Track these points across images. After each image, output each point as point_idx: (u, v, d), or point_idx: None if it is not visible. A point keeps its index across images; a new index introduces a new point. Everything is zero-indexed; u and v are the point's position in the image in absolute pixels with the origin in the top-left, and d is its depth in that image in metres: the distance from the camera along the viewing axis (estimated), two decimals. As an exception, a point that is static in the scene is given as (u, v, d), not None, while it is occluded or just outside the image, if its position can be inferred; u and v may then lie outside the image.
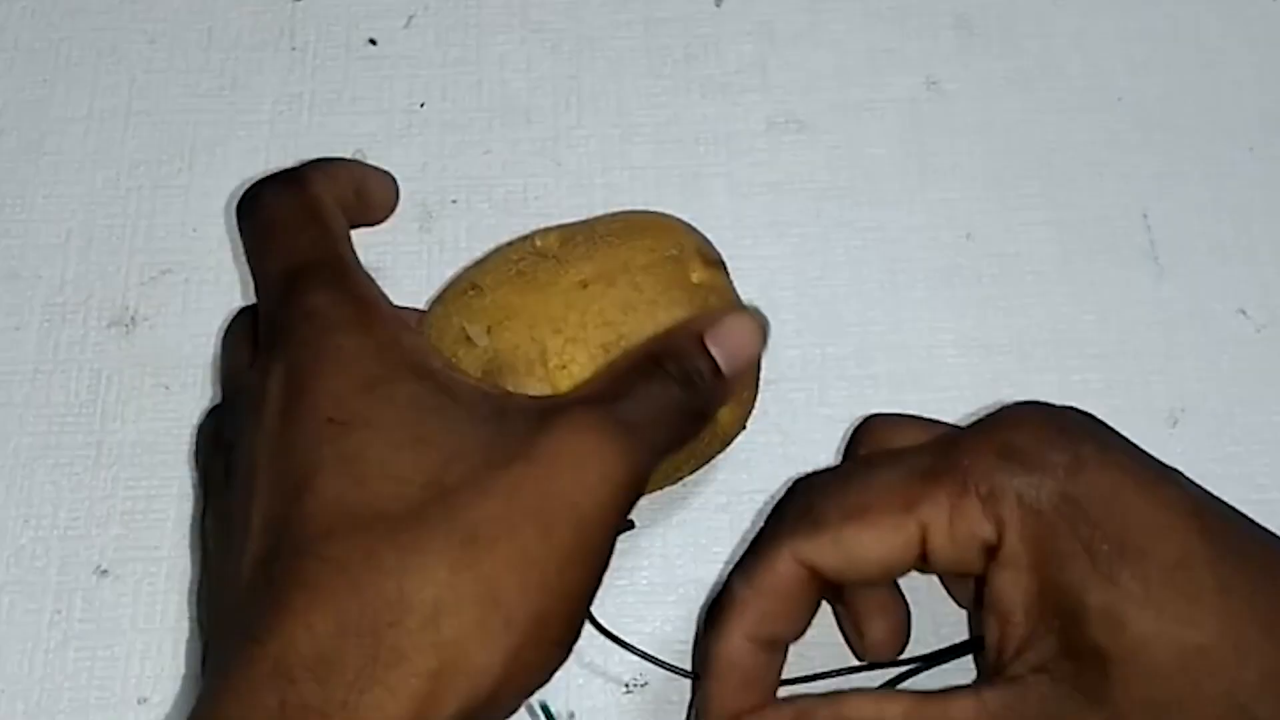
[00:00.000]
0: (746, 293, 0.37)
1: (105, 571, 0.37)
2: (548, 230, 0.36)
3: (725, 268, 0.37)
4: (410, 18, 0.47)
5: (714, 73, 0.46)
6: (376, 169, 0.36)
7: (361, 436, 0.27)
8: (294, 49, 0.46)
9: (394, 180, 0.37)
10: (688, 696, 0.36)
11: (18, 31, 0.46)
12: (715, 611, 0.32)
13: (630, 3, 0.47)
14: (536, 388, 0.32)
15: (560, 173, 0.44)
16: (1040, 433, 0.28)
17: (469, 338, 0.33)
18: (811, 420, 0.39)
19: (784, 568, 0.30)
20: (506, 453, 0.27)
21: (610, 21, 0.46)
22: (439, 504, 0.26)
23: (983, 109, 0.45)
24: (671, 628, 0.37)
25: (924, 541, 0.28)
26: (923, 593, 0.37)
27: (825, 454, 0.39)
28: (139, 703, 0.36)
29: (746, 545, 0.37)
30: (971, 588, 0.31)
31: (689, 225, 0.37)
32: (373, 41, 0.46)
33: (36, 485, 0.38)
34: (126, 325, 0.41)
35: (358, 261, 0.32)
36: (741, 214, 0.43)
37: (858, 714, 0.28)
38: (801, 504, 0.31)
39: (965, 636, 0.36)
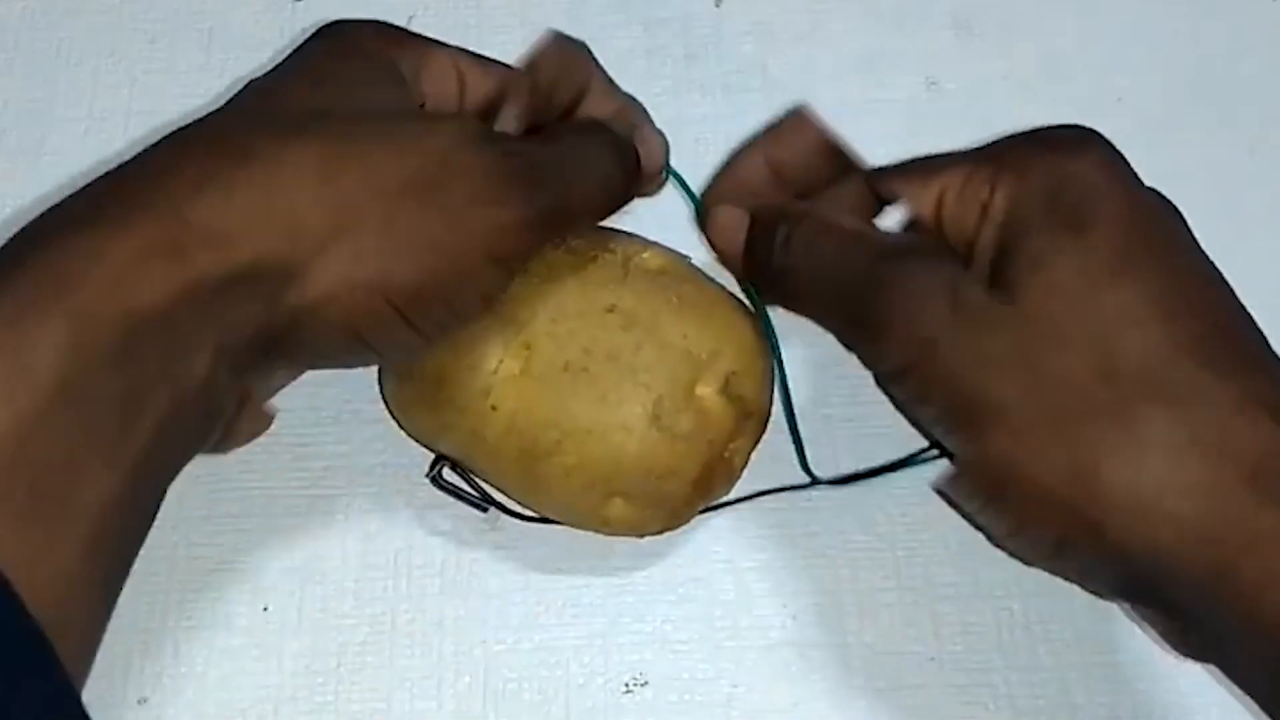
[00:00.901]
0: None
1: (105, 571, 0.37)
2: (669, 253, 0.36)
3: (752, 418, 0.35)
4: (410, 18, 0.47)
5: (714, 73, 0.46)
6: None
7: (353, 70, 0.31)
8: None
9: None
10: (684, 697, 0.36)
11: (18, 31, 0.46)
12: None
13: (630, 3, 0.47)
14: (493, 335, 0.33)
15: (560, 173, 0.44)
16: (1059, 131, 0.31)
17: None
18: (811, 420, 0.39)
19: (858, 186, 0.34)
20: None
21: (610, 21, 0.46)
22: (355, 120, 0.29)
23: (982, 109, 0.45)
24: (671, 627, 0.37)
25: (940, 200, 0.31)
26: (922, 593, 0.37)
27: (826, 453, 0.39)
28: (139, 703, 0.36)
29: (746, 548, 0.38)
30: None
31: (767, 353, 0.35)
32: (373, 41, 0.46)
33: (36, 485, 0.38)
34: (126, 325, 0.41)
35: None
36: (741, 214, 0.43)
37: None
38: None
39: (964, 633, 0.36)
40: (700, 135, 0.44)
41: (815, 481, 0.37)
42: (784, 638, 0.37)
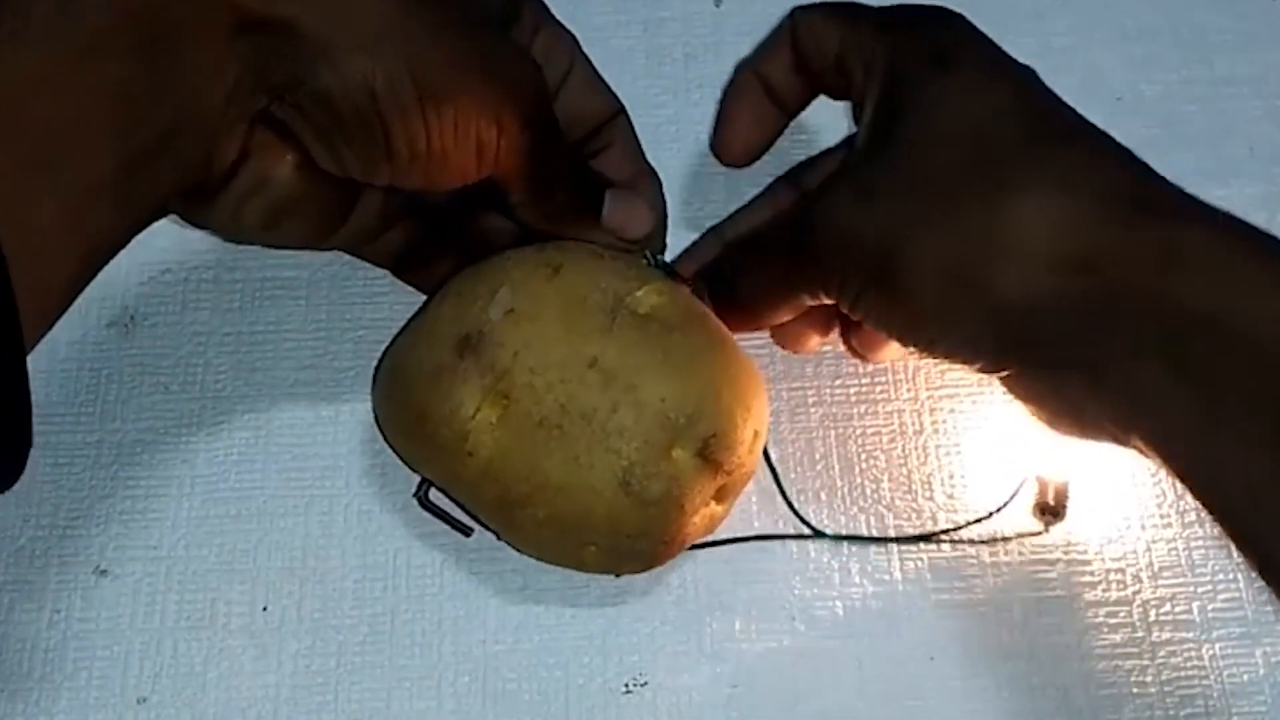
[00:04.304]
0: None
1: (105, 571, 0.37)
2: (664, 289, 0.34)
3: (731, 476, 0.34)
4: (410, 17, 0.47)
5: (714, 73, 0.46)
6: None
7: None
8: (294, 49, 0.46)
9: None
10: (684, 696, 0.36)
11: None
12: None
13: (630, 3, 0.47)
14: (474, 379, 0.33)
15: (560, 173, 0.44)
16: (928, 8, 0.34)
17: (495, 297, 0.33)
18: (809, 418, 0.39)
19: (784, 37, 0.36)
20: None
21: (610, 21, 0.46)
22: None
23: (982, 109, 0.45)
24: (670, 628, 0.37)
25: (840, 44, 0.34)
26: (921, 594, 0.37)
27: (824, 452, 0.39)
28: (139, 703, 0.36)
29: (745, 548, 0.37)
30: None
31: (755, 417, 0.34)
32: (372, 41, 0.46)
33: (36, 485, 0.38)
34: (126, 325, 0.41)
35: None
36: (741, 214, 0.43)
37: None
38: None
39: (963, 634, 0.36)
40: (700, 135, 0.44)
41: (818, 535, 0.38)
42: (783, 638, 0.37)
